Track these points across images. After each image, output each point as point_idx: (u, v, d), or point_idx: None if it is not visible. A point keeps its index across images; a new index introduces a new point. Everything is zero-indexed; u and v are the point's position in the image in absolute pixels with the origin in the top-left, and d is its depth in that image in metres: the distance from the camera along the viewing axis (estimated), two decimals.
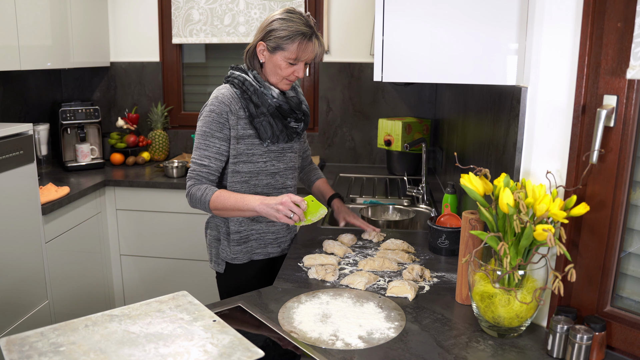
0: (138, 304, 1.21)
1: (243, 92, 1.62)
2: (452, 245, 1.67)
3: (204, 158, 1.61)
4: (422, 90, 3.15)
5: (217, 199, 1.58)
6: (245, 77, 1.64)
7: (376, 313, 1.28)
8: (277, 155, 1.70)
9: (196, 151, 1.63)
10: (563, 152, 1.15)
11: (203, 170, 1.62)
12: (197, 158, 1.62)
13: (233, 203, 1.57)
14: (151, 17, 3.25)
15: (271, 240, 1.75)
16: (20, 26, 2.42)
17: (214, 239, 1.76)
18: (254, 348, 1.03)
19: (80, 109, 2.95)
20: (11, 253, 2.05)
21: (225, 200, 1.57)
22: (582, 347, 1.05)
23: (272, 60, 1.60)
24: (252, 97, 1.62)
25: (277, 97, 1.64)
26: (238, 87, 1.63)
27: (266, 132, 1.63)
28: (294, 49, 1.57)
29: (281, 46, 1.57)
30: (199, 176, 1.62)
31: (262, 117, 1.62)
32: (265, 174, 1.69)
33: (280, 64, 1.60)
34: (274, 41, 1.58)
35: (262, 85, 1.63)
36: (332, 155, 3.28)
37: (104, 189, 2.81)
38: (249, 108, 1.62)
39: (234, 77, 1.66)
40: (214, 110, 1.60)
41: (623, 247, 1.11)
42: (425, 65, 1.31)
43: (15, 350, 1.00)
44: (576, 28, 1.09)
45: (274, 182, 1.71)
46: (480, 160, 1.69)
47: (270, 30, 1.58)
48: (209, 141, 1.61)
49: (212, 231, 1.76)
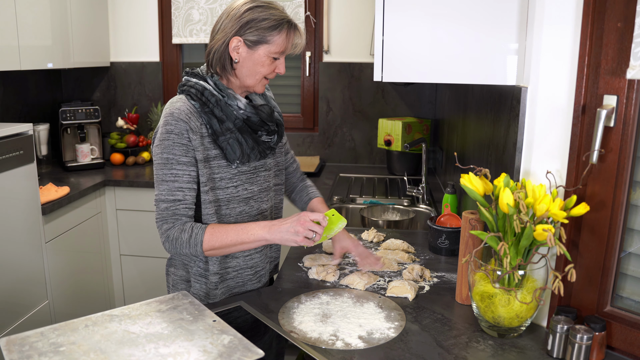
0: (138, 304, 1.21)
1: (203, 105, 1.33)
2: (452, 245, 1.67)
3: (176, 191, 1.31)
4: (422, 90, 3.15)
5: (213, 237, 1.29)
6: (204, 85, 1.34)
7: (376, 313, 1.28)
8: (250, 177, 1.41)
9: (162, 184, 1.31)
10: (563, 152, 1.15)
11: (179, 206, 1.31)
12: (167, 193, 1.31)
13: (234, 238, 1.30)
14: (151, 17, 3.25)
15: (250, 277, 1.48)
16: (20, 26, 2.42)
17: (180, 279, 1.45)
18: (254, 348, 1.03)
19: (80, 109, 2.95)
20: (11, 253, 2.05)
21: (223, 236, 1.30)
22: (582, 347, 1.05)
23: (253, 57, 1.33)
24: (215, 111, 1.33)
25: (245, 108, 1.36)
26: (196, 98, 1.33)
27: (234, 151, 1.35)
28: (281, 41, 1.32)
29: (265, 39, 1.31)
30: (175, 215, 1.31)
31: (227, 134, 1.34)
32: (238, 201, 1.40)
33: (262, 61, 1.33)
34: (255, 34, 1.30)
35: (225, 94, 1.35)
36: (332, 155, 3.28)
37: (104, 189, 2.81)
38: (211, 124, 1.33)
39: (189, 85, 1.35)
40: (172, 130, 1.29)
41: (623, 247, 1.11)
42: (425, 65, 1.31)
43: (15, 350, 1.00)
44: (576, 28, 1.09)
45: (249, 209, 1.43)
46: (480, 160, 1.69)
47: (248, 22, 1.30)
48: (175, 170, 1.31)
49: (177, 270, 1.46)
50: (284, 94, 3.30)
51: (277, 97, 1.62)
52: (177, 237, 1.30)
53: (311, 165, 3.02)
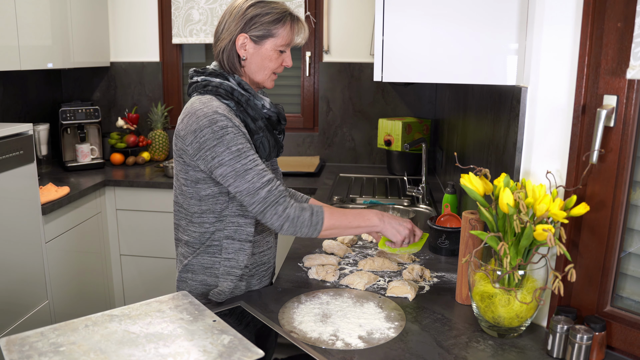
0: (138, 304, 1.21)
1: (237, 104, 1.34)
2: (452, 245, 1.67)
3: (264, 172, 1.29)
4: (422, 90, 3.15)
5: (332, 217, 1.32)
6: (231, 85, 1.34)
7: (376, 313, 1.28)
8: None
9: (249, 173, 1.27)
10: (563, 152, 1.15)
11: (276, 183, 1.30)
12: (258, 178, 1.28)
13: (352, 220, 1.36)
14: (151, 17, 3.25)
15: (264, 273, 1.51)
16: (20, 26, 2.42)
17: (201, 284, 1.43)
18: (254, 348, 1.03)
19: (80, 109, 2.95)
20: (11, 253, 2.05)
21: (342, 217, 1.34)
22: (582, 347, 1.05)
23: (260, 52, 1.35)
24: (248, 110, 1.35)
25: (269, 107, 1.40)
26: (228, 98, 1.33)
27: (265, 149, 1.38)
28: (286, 33, 1.35)
29: (270, 32, 1.33)
30: (282, 194, 1.30)
31: (260, 133, 1.36)
32: None
33: (270, 55, 1.35)
34: (260, 28, 1.33)
35: (251, 93, 1.36)
36: (332, 155, 3.28)
37: (104, 189, 2.81)
38: (247, 123, 1.35)
39: (214, 85, 1.33)
40: (227, 125, 1.27)
41: (623, 247, 1.11)
42: (425, 65, 1.31)
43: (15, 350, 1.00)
44: (576, 28, 1.09)
45: None
46: (480, 160, 1.69)
47: (252, 18, 1.32)
48: (251, 155, 1.29)
49: (196, 275, 1.43)
50: (284, 94, 3.30)
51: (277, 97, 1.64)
52: (299, 216, 1.29)
53: (311, 165, 3.02)
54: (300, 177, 2.87)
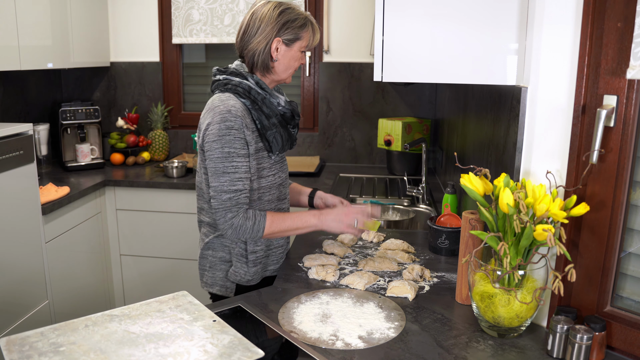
0: (138, 304, 1.21)
1: (253, 103, 1.47)
2: (452, 245, 1.67)
3: (237, 182, 1.43)
4: (422, 90, 3.15)
5: (272, 225, 1.46)
6: (249, 84, 1.48)
7: (376, 313, 1.28)
8: (280, 166, 1.61)
9: (223, 176, 1.43)
10: (563, 152, 1.15)
11: (240, 196, 1.44)
12: (228, 184, 1.43)
13: (290, 224, 1.49)
14: (151, 17, 3.25)
15: (281, 254, 1.66)
16: (20, 26, 2.42)
17: (220, 261, 1.60)
18: (254, 348, 1.03)
19: (80, 109, 2.95)
20: (11, 253, 2.05)
21: (281, 223, 1.48)
22: (582, 347, 1.05)
23: (290, 53, 1.51)
24: (263, 108, 1.48)
25: (284, 104, 1.54)
26: (245, 96, 1.47)
27: (278, 143, 1.51)
28: (309, 36, 1.52)
29: (299, 36, 1.49)
30: (238, 204, 1.43)
31: (274, 129, 1.50)
32: (276, 187, 1.58)
33: (297, 56, 1.52)
34: (291, 32, 1.48)
35: (268, 92, 1.50)
36: (332, 155, 3.28)
37: (104, 189, 2.81)
38: (260, 120, 1.48)
39: (234, 84, 1.48)
40: (233, 127, 1.42)
41: (623, 247, 1.11)
42: (425, 65, 1.31)
43: (15, 350, 1.00)
44: (576, 28, 1.09)
45: (280, 194, 1.61)
46: (480, 160, 1.69)
47: (285, 23, 1.47)
48: (236, 162, 1.43)
49: (216, 252, 1.60)
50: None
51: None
52: (242, 225, 1.44)
53: (311, 165, 3.02)
54: (300, 177, 2.87)
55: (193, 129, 3.33)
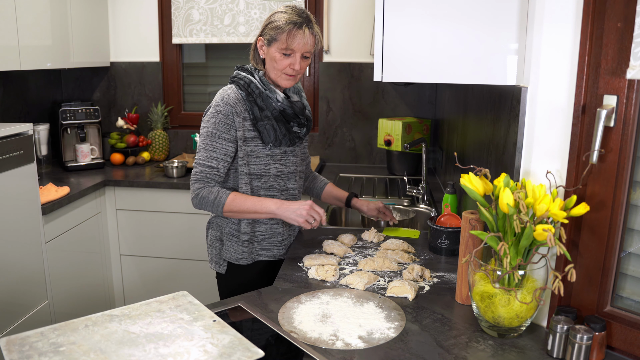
0: (138, 304, 1.21)
1: (248, 95, 1.61)
2: (452, 245, 1.67)
3: (212, 159, 1.60)
4: (422, 90, 3.15)
5: (233, 202, 1.59)
6: (251, 79, 1.63)
7: (376, 313, 1.28)
8: (280, 158, 1.69)
9: (202, 152, 1.61)
10: (563, 152, 1.15)
11: (212, 172, 1.60)
12: (204, 159, 1.60)
13: (250, 206, 1.60)
14: (151, 17, 3.25)
15: (276, 242, 1.74)
16: (20, 26, 2.42)
17: (215, 239, 1.76)
18: (254, 348, 1.03)
19: (80, 109, 2.95)
20: (11, 253, 2.05)
21: (241, 203, 1.59)
22: (582, 347, 1.05)
23: (269, 53, 1.60)
24: (257, 100, 1.61)
25: (282, 102, 1.64)
26: (243, 89, 1.62)
27: (269, 135, 1.62)
28: (284, 38, 1.56)
29: (274, 37, 1.57)
30: (208, 178, 1.61)
31: (265, 121, 1.61)
32: (269, 176, 1.68)
33: (275, 56, 1.59)
34: (269, 33, 1.58)
35: (267, 88, 1.63)
36: (332, 155, 3.28)
37: (104, 189, 2.81)
38: (253, 111, 1.61)
39: (239, 77, 1.65)
40: (220, 111, 1.59)
41: (623, 247, 1.11)
42: (425, 65, 1.31)
43: (15, 350, 1.00)
44: (576, 28, 1.09)
45: (277, 185, 1.70)
46: (480, 160, 1.69)
47: (267, 24, 1.60)
48: (216, 142, 1.60)
49: (213, 231, 1.76)
50: None
51: None
52: (204, 196, 1.60)
53: (311, 165, 3.02)
54: None
55: (193, 129, 3.33)
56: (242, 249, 1.70)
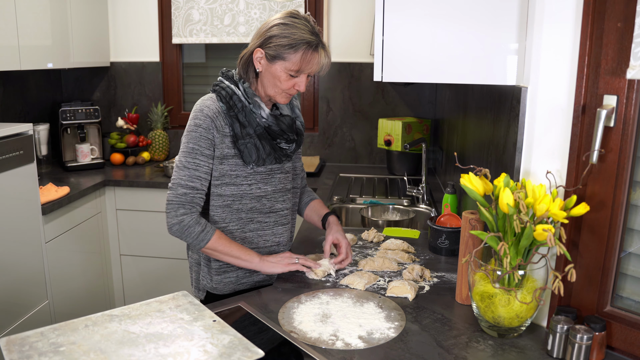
0: (138, 304, 1.21)
1: (229, 108, 1.44)
2: (452, 245, 1.67)
3: (195, 179, 1.42)
4: (422, 90, 3.15)
5: (218, 242, 1.43)
6: (234, 89, 1.45)
7: (376, 313, 1.28)
8: (264, 177, 1.51)
9: (184, 171, 1.42)
10: (563, 152, 1.15)
11: (196, 195, 1.43)
12: (187, 179, 1.41)
13: (235, 252, 1.44)
14: (151, 17, 3.25)
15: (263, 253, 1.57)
16: (20, 26, 2.42)
17: (195, 262, 1.59)
18: (254, 348, 1.03)
19: (80, 109, 2.95)
20: (11, 253, 2.05)
21: (227, 246, 1.44)
22: (582, 347, 1.05)
23: (271, 70, 1.41)
24: (239, 116, 1.43)
25: (267, 118, 1.46)
26: (225, 101, 1.44)
27: (250, 155, 1.45)
28: (297, 60, 1.37)
29: (282, 55, 1.38)
30: (192, 202, 1.42)
31: (247, 139, 1.44)
32: (250, 198, 1.50)
33: (279, 76, 1.40)
34: (274, 49, 1.38)
35: (251, 101, 1.44)
36: (332, 155, 3.28)
37: (104, 189, 2.81)
38: (233, 127, 1.44)
39: (221, 87, 1.47)
40: (201, 124, 1.42)
41: (623, 247, 1.11)
42: (425, 65, 1.31)
43: (15, 350, 1.00)
44: (576, 28, 1.09)
45: (260, 206, 1.52)
46: (480, 160, 1.69)
47: (271, 37, 1.38)
48: (198, 160, 1.42)
49: (193, 254, 1.60)
50: None
51: None
52: (191, 226, 1.41)
53: (311, 165, 3.02)
54: None
55: None
56: (217, 278, 1.53)
